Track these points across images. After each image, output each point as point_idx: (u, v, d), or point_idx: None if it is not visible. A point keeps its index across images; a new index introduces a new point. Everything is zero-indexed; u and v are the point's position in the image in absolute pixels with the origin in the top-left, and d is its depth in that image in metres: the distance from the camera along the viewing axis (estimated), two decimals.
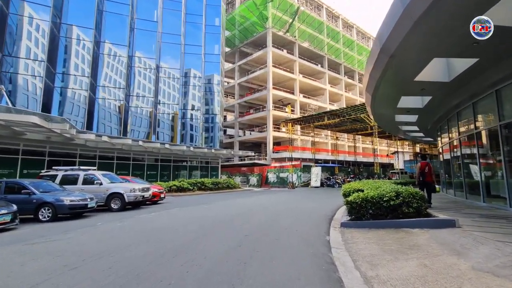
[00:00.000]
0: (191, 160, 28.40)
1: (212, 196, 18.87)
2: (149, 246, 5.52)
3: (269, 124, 36.42)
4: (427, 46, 6.16)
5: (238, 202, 14.38)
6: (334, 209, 11.51)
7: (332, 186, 27.76)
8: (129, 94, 23.80)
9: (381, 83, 8.37)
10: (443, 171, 13.85)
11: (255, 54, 39.45)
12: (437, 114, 11.46)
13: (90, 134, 17.42)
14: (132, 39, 24.59)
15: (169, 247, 5.37)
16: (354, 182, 11.40)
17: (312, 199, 15.78)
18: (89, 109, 21.13)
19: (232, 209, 11.34)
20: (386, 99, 10.08)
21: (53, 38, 19.31)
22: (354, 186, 9.44)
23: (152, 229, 7.34)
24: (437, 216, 6.35)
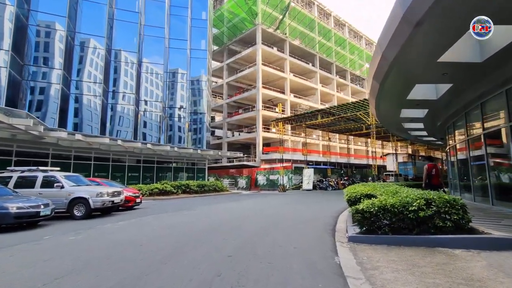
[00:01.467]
0: (176, 162, 26.52)
1: (197, 200, 17.12)
2: (86, 278, 3.81)
3: (259, 125, 34.92)
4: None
5: (225, 208, 12.71)
6: (333, 215, 10.02)
7: (325, 189, 26.41)
8: (107, 90, 21.88)
9: (394, 66, 6.91)
10: (455, 173, 12.58)
11: (244, 52, 37.93)
12: (454, 106, 10.15)
13: (61, 132, 15.57)
14: (111, 31, 22.71)
15: (113, 282, 3.67)
16: (358, 185, 9.95)
17: (307, 204, 14.27)
18: (63, 105, 19.20)
19: (217, 217, 9.67)
20: (396, 88, 8.66)
21: (21, 26, 17.36)
22: (360, 190, 7.95)
23: (109, 246, 5.63)
24: (488, 233, 4.85)
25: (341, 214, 10.60)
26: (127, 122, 22.77)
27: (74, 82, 20.36)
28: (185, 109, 26.29)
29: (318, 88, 43.06)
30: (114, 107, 22.41)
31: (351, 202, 7.70)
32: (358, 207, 5.91)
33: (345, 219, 9.33)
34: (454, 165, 13.00)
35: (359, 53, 51.23)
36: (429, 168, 8.75)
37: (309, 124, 29.94)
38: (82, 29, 21.18)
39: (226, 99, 40.76)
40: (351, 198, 7.68)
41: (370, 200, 5.88)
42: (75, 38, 20.77)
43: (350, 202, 7.73)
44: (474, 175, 10.29)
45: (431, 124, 14.04)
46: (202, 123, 27.70)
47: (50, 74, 18.80)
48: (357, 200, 7.58)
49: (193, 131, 27.57)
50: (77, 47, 20.87)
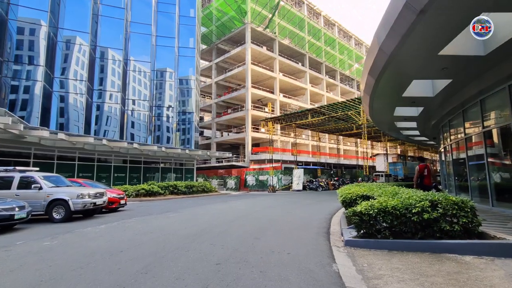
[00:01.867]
0: (164, 162, 25.70)
1: (184, 201, 16.46)
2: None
3: (248, 125, 34.43)
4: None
5: (213, 209, 12.14)
6: (326, 217, 9.63)
7: (315, 190, 26.14)
8: (92, 88, 21.00)
9: (392, 60, 6.55)
10: (450, 173, 12.38)
11: (233, 51, 37.37)
12: (451, 104, 9.91)
13: (43, 131, 14.75)
14: (96, 27, 21.82)
15: None
16: (352, 186, 9.59)
17: (298, 205, 13.86)
18: (45, 104, 18.34)
19: (204, 219, 9.11)
20: (392, 84, 8.33)
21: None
22: (355, 191, 7.57)
23: (85, 254, 5.03)
24: (502, 238, 4.48)
25: (334, 215, 10.23)
26: (113, 121, 21.94)
27: (57, 80, 19.50)
28: (173, 108, 25.54)
29: (307, 88, 42.94)
30: (99, 106, 21.61)
31: (346, 204, 7.30)
32: (355, 209, 5.50)
33: (339, 221, 8.96)
34: (449, 164, 12.84)
35: (349, 53, 51.50)
36: (421, 169, 8.73)
37: (299, 124, 29.65)
38: (65, 25, 20.30)
39: (215, 99, 40.09)
40: (346, 199, 7.29)
41: (369, 202, 5.48)
42: (58, 34, 19.87)
43: (345, 203, 7.34)
44: (472, 175, 10.05)
45: (424, 123, 13.89)
46: (191, 123, 26.98)
47: (31, 71, 17.99)
48: (352, 202, 7.21)
49: (182, 131, 26.83)
50: (60, 43, 19.98)
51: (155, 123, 25.03)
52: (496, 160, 8.79)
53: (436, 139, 17.37)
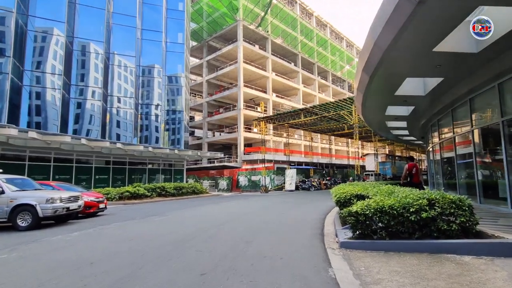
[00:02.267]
0: (152, 163, 25.07)
1: (172, 204, 15.99)
2: None
3: (240, 124, 34.04)
4: None
5: (202, 212, 11.74)
6: (320, 218, 9.36)
7: (308, 190, 25.95)
8: (69, 83, 20.01)
9: (386, 56, 6.32)
10: (439, 171, 12.34)
11: (225, 49, 36.94)
12: (441, 103, 9.79)
13: (10, 129, 13.73)
14: (74, 17, 20.49)
15: None
16: (346, 185, 9.35)
17: (291, 205, 13.57)
18: (14, 99, 16.94)
19: (192, 223, 8.71)
20: (386, 82, 8.12)
21: None
22: (349, 190, 7.29)
23: (48, 268, 4.46)
24: (500, 237, 4.26)
25: (327, 215, 9.97)
26: (94, 119, 20.92)
27: (27, 73, 18.10)
28: (161, 106, 24.85)
29: (300, 89, 42.81)
30: (77, 102, 20.39)
31: (340, 204, 7.03)
32: (351, 209, 5.21)
33: (332, 220, 8.69)
34: (437, 163, 12.80)
35: (340, 54, 51.66)
36: (410, 167, 9.02)
37: (292, 124, 29.44)
38: (37, 13, 18.89)
39: (206, 98, 39.57)
40: (340, 199, 7.01)
41: (365, 201, 5.20)
42: (29, 23, 18.42)
43: (339, 203, 7.06)
44: (460, 173, 10.02)
45: (414, 123, 13.85)
46: (180, 122, 26.39)
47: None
48: (347, 201, 6.94)
49: (170, 131, 26.21)
50: (32, 33, 18.49)
51: (142, 122, 24.23)
52: (484, 159, 8.83)
53: (424, 139, 17.37)
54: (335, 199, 7.21)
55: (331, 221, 8.65)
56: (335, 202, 7.20)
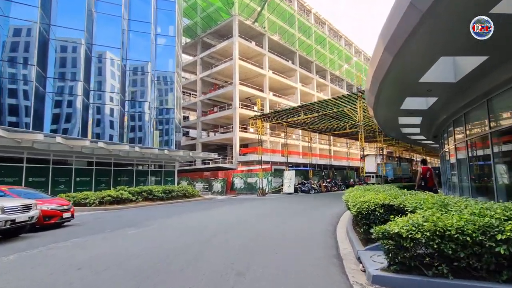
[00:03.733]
0: (140, 164, 23.22)
1: (159, 210, 14.22)
2: None
3: (236, 124, 32.37)
4: None
5: (190, 220, 10.01)
6: (329, 229, 7.71)
7: (308, 192, 24.29)
8: (45, 76, 18.09)
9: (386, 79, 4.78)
10: (460, 173, 10.77)
11: (220, 45, 35.27)
12: (474, 92, 8.19)
13: None
14: (49, 3, 18.56)
15: None
16: (358, 190, 7.70)
17: (292, 212, 11.87)
18: None
19: (171, 238, 6.98)
20: (390, 100, 6.81)
21: None
22: (372, 197, 5.60)
23: None
24: None
25: (337, 225, 8.31)
26: (74, 116, 18.98)
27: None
28: (150, 103, 22.97)
29: (298, 87, 41.28)
30: (55, 97, 18.48)
31: (362, 216, 5.35)
32: (388, 229, 3.54)
33: (345, 233, 7.03)
34: (460, 164, 11.23)
35: (339, 53, 50.27)
36: (424, 171, 8.87)
37: (291, 122, 27.79)
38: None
39: (200, 97, 37.81)
40: (362, 209, 5.33)
41: (409, 218, 3.55)
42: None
43: (360, 215, 5.38)
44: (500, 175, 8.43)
45: (431, 119, 12.48)
46: (171, 120, 24.56)
47: None
48: (370, 213, 5.28)
49: (160, 129, 24.39)
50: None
51: (129, 120, 22.36)
52: None
53: (437, 138, 15.82)
54: (354, 210, 5.52)
55: (344, 234, 7.00)
56: (354, 213, 5.52)
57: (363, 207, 5.33)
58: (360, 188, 8.54)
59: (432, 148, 28.72)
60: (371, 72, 8.03)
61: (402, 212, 4.71)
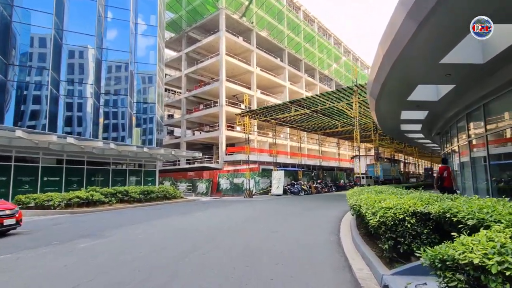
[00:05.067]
0: (117, 163, 21.31)
1: (133, 213, 12.57)
2: None
3: (222, 122, 30.85)
4: None
5: (165, 228, 8.48)
6: (331, 239, 6.42)
7: (297, 194, 23.07)
8: (7, 62, 16.06)
9: None
10: (477, 173, 9.67)
11: (206, 40, 33.66)
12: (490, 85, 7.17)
13: None
14: None
15: None
16: (367, 192, 6.45)
17: (283, 216, 10.53)
18: None
19: (130, 256, 5.47)
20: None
21: None
22: (397, 203, 4.32)
23: None
24: None
25: (340, 233, 7.03)
26: (40, 109, 17.02)
27: None
28: (128, 97, 21.07)
29: (286, 86, 40.15)
30: (18, 86, 16.50)
31: (387, 228, 4.03)
32: (456, 255, 2.23)
33: (352, 245, 5.76)
34: (473, 162, 10.16)
35: (328, 52, 49.56)
36: (441, 171, 8.65)
37: (280, 120, 26.52)
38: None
39: (185, 94, 35.99)
40: (386, 219, 4.01)
41: (500, 241, 2.24)
42: None
43: (384, 226, 4.06)
44: None
45: (430, 126, 11.52)
46: (152, 116, 22.75)
47: None
48: (398, 223, 3.97)
49: (140, 126, 22.54)
50: None
51: (104, 114, 20.42)
52: None
53: (441, 135, 14.86)
54: (375, 220, 4.18)
55: (352, 246, 5.72)
56: (374, 224, 4.19)
57: (388, 215, 4.02)
58: (367, 190, 7.30)
59: (426, 148, 28.10)
60: (382, 52, 6.79)
61: (445, 224, 3.44)
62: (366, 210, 4.85)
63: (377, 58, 7.77)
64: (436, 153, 34.28)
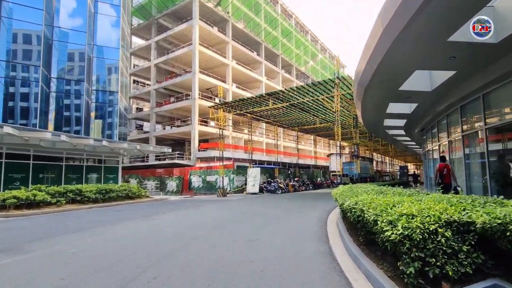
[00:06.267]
0: (71, 158, 18.81)
1: (84, 216, 10.60)
2: None
3: (194, 116, 29.00)
4: None
5: (116, 236, 6.80)
6: (321, 249, 5.15)
7: (274, 192, 21.90)
8: None
9: None
10: (472, 171, 8.96)
11: (178, 28, 31.44)
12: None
13: None
14: None
15: None
16: (365, 192, 5.28)
17: (261, 219, 9.19)
18: None
19: (56, 279, 3.82)
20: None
21: None
22: (421, 208, 3.10)
23: None
24: None
25: (330, 241, 5.80)
26: None
27: None
28: (84, 83, 18.55)
29: (263, 81, 38.92)
30: None
31: (412, 244, 2.79)
32: None
33: (350, 260, 4.53)
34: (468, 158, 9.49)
35: (305, 48, 49.02)
36: (440, 168, 8.61)
37: (257, 114, 25.17)
38: None
39: (154, 85, 33.48)
40: (413, 232, 2.77)
41: None
42: None
43: (409, 241, 2.81)
44: None
45: (418, 120, 10.77)
46: (114, 107, 20.38)
47: None
48: (428, 237, 2.74)
49: (101, 118, 20.12)
50: None
51: (56, 102, 17.84)
52: None
53: (425, 130, 14.26)
54: (396, 234, 2.92)
55: (350, 262, 4.45)
56: (397, 238, 2.94)
57: (414, 226, 2.78)
58: (363, 189, 6.14)
59: (403, 145, 28.04)
60: (381, 26, 5.65)
61: (501, 240, 2.25)
62: (376, 217, 3.59)
63: (372, 36, 6.64)
64: (411, 151, 34.79)
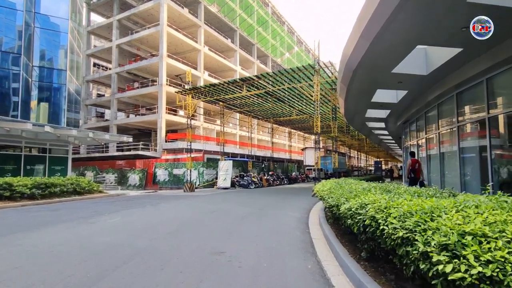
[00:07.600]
0: (6, 146, 15.81)
1: (4, 218, 8.26)
2: None
3: (161, 104, 26.55)
4: None
5: (36, 249, 4.76)
6: (308, 266, 3.52)
7: (247, 187, 20.33)
8: None
9: None
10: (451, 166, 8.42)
11: (143, 6, 28.44)
12: None
13: None
14: None
15: None
16: (370, 193, 3.79)
17: (232, 220, 7.51)
18: None
19: None
20: None
21: None
22: None
23: None
24: None
25: (318, 253, 4.27)
26: None
27: None
28: (22, 57, 15.47)
29: (237, 70, 37.00)
30: None
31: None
32: None
33: (349, 284, 2.96)
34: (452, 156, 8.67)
35: (281, 39, 47.59)
36: (413, 163, 8.98)
37: (230, 102, 23.27)
38: None
39: (116, 68, 30.20)
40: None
41: None
42: None
43: None
44: None
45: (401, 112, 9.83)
46: (60, 87, 17.48)
47: None
48: None
49: (47, 100, 17.14)
50: None
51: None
52: None
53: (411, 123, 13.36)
54: (471, 277, 1.39)
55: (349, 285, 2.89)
56: (471, 280, 1.42)
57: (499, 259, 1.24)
58: (363, 187, 4.68)
59: (379, 139, 27.61)
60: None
61: None
62: (410, 235, 2.06)
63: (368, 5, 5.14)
64: (385, 146, 34.83)
